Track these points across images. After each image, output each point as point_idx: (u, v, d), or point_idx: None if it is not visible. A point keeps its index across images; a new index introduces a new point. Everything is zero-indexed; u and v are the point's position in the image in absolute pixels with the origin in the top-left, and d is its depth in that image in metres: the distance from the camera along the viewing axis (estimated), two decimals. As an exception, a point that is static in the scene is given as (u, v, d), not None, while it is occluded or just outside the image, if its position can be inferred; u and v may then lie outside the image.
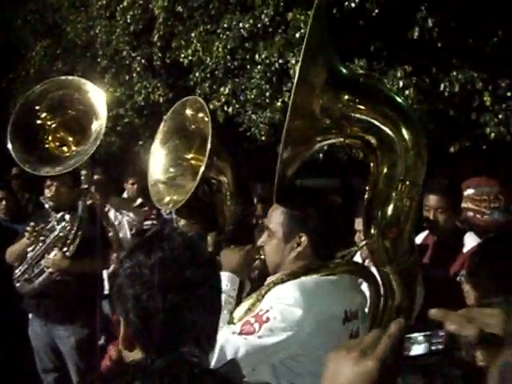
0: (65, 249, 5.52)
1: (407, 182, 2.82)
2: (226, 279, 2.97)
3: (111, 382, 1.17)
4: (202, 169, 4.26)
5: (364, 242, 3.06)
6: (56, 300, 5.67)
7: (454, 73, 8.15)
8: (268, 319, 2.67)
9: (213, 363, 2.29)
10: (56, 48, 13.74)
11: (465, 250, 4.59)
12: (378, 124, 2.78)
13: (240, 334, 2.66)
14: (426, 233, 4.98)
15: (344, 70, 2.89)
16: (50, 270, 5.52)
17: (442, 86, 8.17)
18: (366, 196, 2.98)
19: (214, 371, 1.25)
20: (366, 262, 4.14)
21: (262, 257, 3.07)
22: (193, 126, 4.69)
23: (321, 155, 8.87)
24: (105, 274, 6.78)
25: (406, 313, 3.06)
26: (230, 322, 2.82)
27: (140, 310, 1.87)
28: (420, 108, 8.10)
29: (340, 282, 2.92)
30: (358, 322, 2.94)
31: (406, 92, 8.00)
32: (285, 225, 2.94)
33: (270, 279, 2.98)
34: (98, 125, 5.39)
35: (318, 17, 2.68)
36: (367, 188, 2.96)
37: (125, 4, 11.02)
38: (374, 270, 3.12)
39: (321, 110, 2.70)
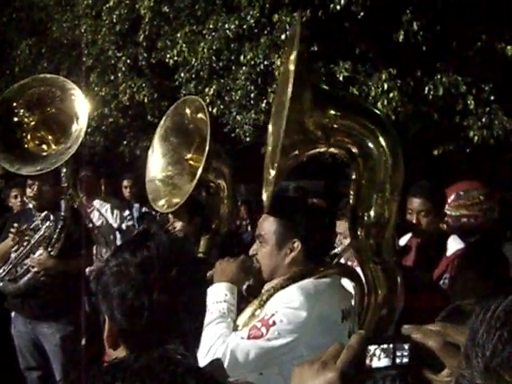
0: (49, 248, 5.50)
1: (387, 185, 3.04)
2: (225, 289, 3.03)
3: (92, 382, 1.16)
4: (200, 171, 4.25)
5: (349, 242, 3.20)
6: (40, 298, 5.65)
7: (438, 76, 8.21)
8: (274, 322, 2.78)
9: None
10: (41, 47, 13.67)
11: (448, 253, 4.60)
12: (358, 134, 3.02)
13: (248, 338, 2.76)
14: (409, 235, 4.98)
15: (327, 88, 3.22)
16: (35, 269, 5.50)
17: (426, 89, 8.23)
18: (350, 200, 3.19)
19: (199, 370, 1.24)
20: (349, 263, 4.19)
21: (257, 265, 3.14)
22: (192, 126, 4.68)
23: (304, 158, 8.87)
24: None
25: (387, 309, 3.25)
26: (235, 328, 2.90)
27: (125, 308, 1.87)
28: (404, 111, 8.14)
29: (333, 284, 3.06)
30: (352, 319, 3.08)
31: (391, 94, 8.05)
32: (277, 232, 3.04)
33: (268, 285, 3.07)
34: (79, 127, 5.35)
35: (302, 49, 2.86)
36: (351, 192, 3.16)
37: (111, 4, 10.99)
38: (358, 269, 3.28)
39: (311, 125, 2.90)
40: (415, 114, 8.42)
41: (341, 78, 8.25)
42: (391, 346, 1.42)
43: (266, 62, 8.82)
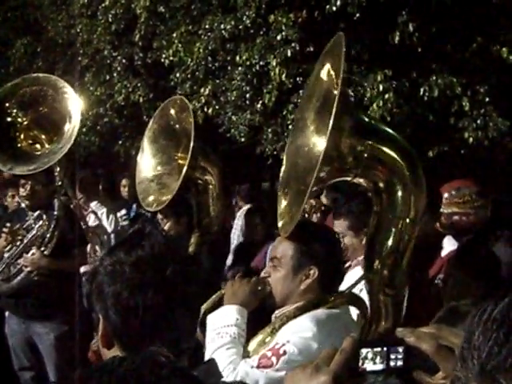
0: (43, 248, 5.50)
1: (407, 220, 3.00)
2: (236, 312, 2.96)
3: None
4: (185, 168, 4.26)
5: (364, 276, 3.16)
6: (34, 298, 5.64)
7: (434, 77, 8.21)
8: (285, 352, 2.72)
9: None
10: (36, 46, 13.67)
11: (443, 253, 4.63)
12: (387, 168, 2.99)
13: (258, 367, 2.72)
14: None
15: (365, 118, 3.19)
16: (28, 269, 5.50)
17: (422, 90, 8.23)
18: (368, 232, 3.20)
19: (185, 371, 1.24)
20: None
21: (268, 288, 3.07)
22: (178, 126, 4.69)
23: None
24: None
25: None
26: (245, 355, 2.85)
27: (120, 307, 1.87)
28: (399, 112, 8.15)
29: (344, 315, 3.03)
30: None
31: (386, 96, 8.05)
32: (295, 257, 2.98)
33: (279, 312, 3.02)
34: (72, 126, 5.34)
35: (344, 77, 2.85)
36: (370, 223, 3.13)
37: (106, 3, 10.99)
38: (365, 296, 3.20)
39: (347, 153, 2.87)
40: (410, 116, 8.42)
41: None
42: (385, 349, 1.42)
43: (261, 63, 8.81)
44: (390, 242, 3.01)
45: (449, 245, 4.64)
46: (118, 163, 12.84)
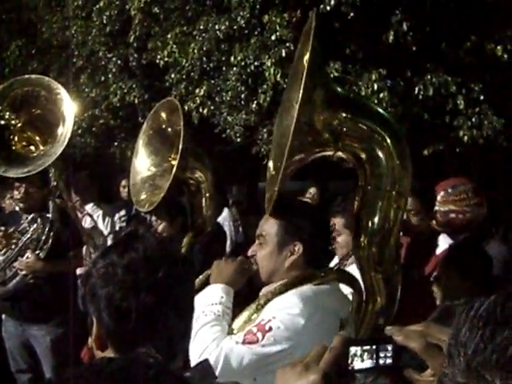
0: (37, 251, 5.49)
1: (393, 193, 2.96)
2: (221, 291, 2.95)
3: None
4: (175, 169, 4.28)
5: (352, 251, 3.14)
6: (30, 301, 5.64)
7: (428, 76, 8.23)
8: (271, 328, 2.71)
9: (217, 372, 2.34)
10: (31, 48, 13.63)
11: (438, 251, 4.65)
12: (367, 139, 2.94)
13: (243, 343, 2.69)
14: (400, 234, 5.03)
15: (339, 89, 3.12)
16: (23, 272, 5.49)
17: (416, 89, 8.25)
18: (355, 206, 3.11)
19: (172, 372, 1.25)
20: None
21: (254, 267, 3.07)
22: (170, 129, 4.72)
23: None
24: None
25: (384, 318, 3.15)
26: (230, 332, 2.83)
27: (113, 309, 1.87)
28: (394, 111, 8.15)
29: (333, 291, 3.00)
30: (349, 328, 3.00)
31: (381, 95, 8.06)
32: (279, 234, 2.97)
33: (265, 289, 3.01)
34: (65, 127, 5.32)
35: (314, 43, 2.82)
36: (356, 198, 3.09)
37: (101, 4, 10.97)
38: (358, 275, 3.18)
39: (321, 126, 2.84)
40: (405, 115, 8.43)
41: (331, 79, 8.27)
42: (374, 347, 1.43)
43: (256, 63, 8.82)
44: (376, 217, 2.98)
45: (444, 242, 4.67)
46: (114, 164, 12.83)
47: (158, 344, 1.86)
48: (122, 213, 8.45)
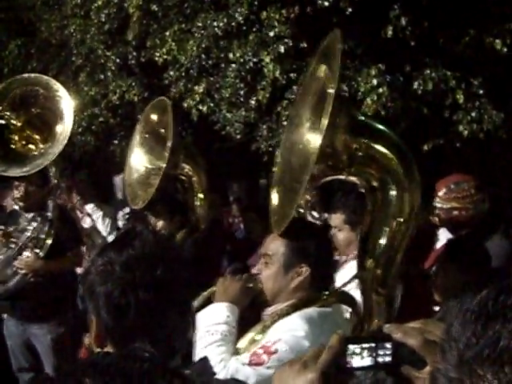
0: (37, 250, 5.49)
1: (401, 220, 2.99)
2: (227, 310, 2.95)
3: (62, 381, 1.17)
4: (164, 165, 4.30)
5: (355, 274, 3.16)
6: (31, 300, 5.65)
7: (427, 71, 8.21)
8: (276, 350, 2.72)
9: None
10: (30, 47, 13.61)
11: (438, 245, 4.65)
12: (381, 167, 2.98)
13: (249, 364, 2.70)
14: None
15: (360, 116, 3.23)
16: (23, 271, 5.49)
17: (416, 84, 8.23)
18: (361, 231, 3.20)
19: (166, 366, 1.25)
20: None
21: (259, 285, 3.07)
22: (163, 127, 4.74)
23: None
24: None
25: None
26: (235, 352, 2.84)
27: (111, 307, 1.88)
28: (393, 106, 8.14)
29: (336, 313, 3.03)
30: None
31: (380, 90, 8.05)
32: (286, 255, 2.98)
33: (271, 310, 3.02)
34: (65, 125, 5.33)
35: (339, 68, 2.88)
36: (364, 222, 3.15)
37: (99, 3, 10.94)
38: (358, 295, 3.18)
39: (341, 150, 2.85)
40: (405, 110, 8.41)
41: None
42: (373, 344, 1.43)
43: (255, 60, 8.79)
44: (382, 241, 2.99)
45: (444, 237, 4.66)
46: (114, 162, 12.82)
47: (157, 340, 1.86)
48: (127, 210, 8.45)
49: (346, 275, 3.44)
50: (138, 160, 4.86)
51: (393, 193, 2.96)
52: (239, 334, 2.96)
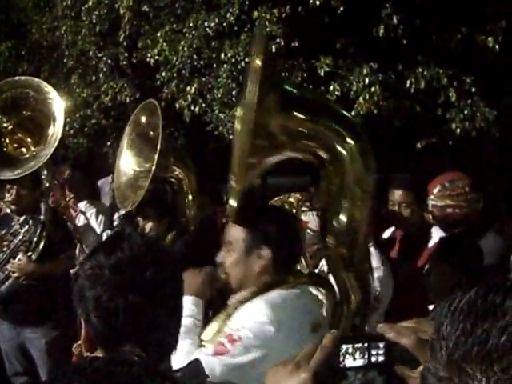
0: (29, 253, 5.46)
1: (357, 191, 2.91)
2: (191, 303, 2.91)
3: None
4: (153, 168, 4.30)
5: (321, 253, 3.10)
6: (24, 303, 5.62)
7: (420, 69, 8.23)
8: (240, 338, 2.67)
9: None
10: (21, 49, 13.58)
11: (431, 243, 4.66)
12: (326, 138, 2.88)
13: (214, 354, 2.65)
14: (393, 228, 5.06)
15: (294, 90, 3.07)
16: (15, 274, 5.47)
17: (408, 82, 8.24)
18: (320, 207, 3.14)
19: (155, 370, 1.23)
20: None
21: (223, 275, 3.03)
22: (152, 130, 4.75)
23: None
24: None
25: (360, 318, 3.11)
26: (200, 345, 2.80)
27: (101, 310, 1.87)
28: (386, 105, 8.15)
29: (303, 295, 2.95)
30: (323, 331, 2.90)
31: (372, 89, 8.06)
32: (246, 240, 2.93)
33: (234, 298, 2.98)
34: (55, 130, 5.32)
35: (265, 47, 2.79)
36: (320, 199, 3.10)
37: (90, 4, 10.92)
38: (330, 277, 3.15)
39: (276, 128, 2.76)
40: (397, 108, 8.43)
41: (322, 74, 8.26)
42: (366, 344, 1.42)
43: (246, 59, 8.77)
44: (342, 217, 2.92)
45: (436, 235, 4.67)
46: (107, 164, 12.80)
47: (148, 343, 1.85)
48: (122, 211, 8.41)
49: None
50: (127, 162, 4.85)
51: (345, 162, 2.88)
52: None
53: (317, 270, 4.07)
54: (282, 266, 2.95)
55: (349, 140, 2.87)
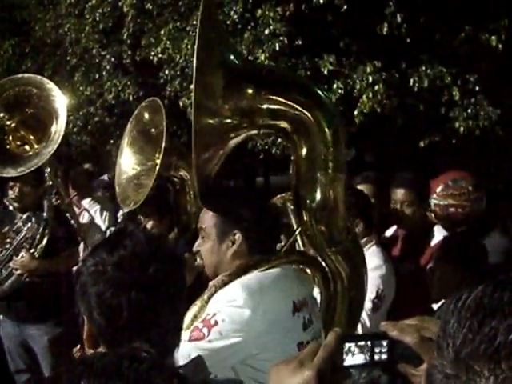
0: (32, 250, 5.48)
1: (329, 163, 2.85)
2: None
3: (59, 382, 1.15)
4: (158, 166, 4.31)
5: (298, 231, 3.04)
6: (27, 301, 5.64)
7: (423, 68, 8.21)
8: (216, 323, 2.62)
9: None
10: (24, 46, 13.61)
11: (433, 242, 4.66)
12: (288, 110, 2.80)
13: (190, 340, 2.59)
14: (395, 227, 5.06)
15: (242, 65, 2.93)
16: (18, 271, 5.48)
17: (412, 81, 8.22)
18: (291, 182, 3.01)
19: (163, 366, 1.24)
20: None
21: (200, 262, 3.02)
22: (154, 129, 4.75)
23: (278, 151, 8.91)
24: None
25: (356, 290, 3.11)
26: None
27: (103, 307, 1.87)
28: (389, 103, 8.14)
29: (283, 274, 2.89)
30: (309, 309, 2.91)
31: (376, 87, 8.04)
32: (217, 225, 2.90)
33: (211, 283, 2.94)
34: (58, 127, 5.33)
35: (207, 17, 2.71)
36: (291, 174, 2.98)
37: (94, 2, 10.94)
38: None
39: (227, 109, 2.70)
40: (401, 106, 8.41)
41: (325, 72, 8.25)
42: (369, 342, 1.42)
43: (250, 57, 8.78)
44: (316, 191, 2.87)
45: (439, 234, 4.67)
46: (110, 162, 12.81)
47: (151, 340, 1.85)
48: (126, 209, 8.42)
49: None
50: (128, 160, 4.85)
51: (312, 132, 2.81)
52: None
53: None
54: (258, 248, 2.91)
55: (315, 111, 2.81)
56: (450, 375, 0.99)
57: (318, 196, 2.88)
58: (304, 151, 2.85)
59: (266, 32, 8.48)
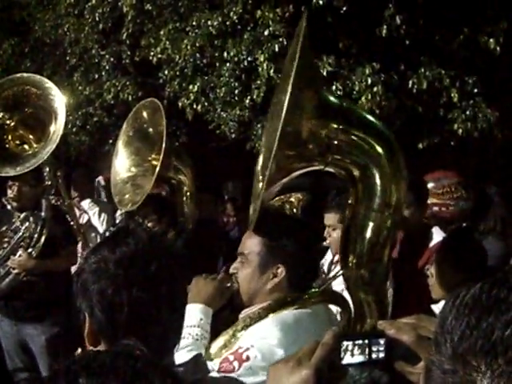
0: (30, 249, 5.48)
1: (386, 214, 2.80)
2: (200, 312, 2.81)
3: (55, 380, 1.15)
4: (158, 168, 4.31)
5: (340, 273, 2.96)
6: (24, 300, 5.64)
7: (422, 70, 8.23)
8: (248, 358, 2.56)
9: None
10: (24, 46, 13.58)
11: (431, 244, 4.66)
12: (361, 154, 2.74)
13: (219, 371, 2.53)
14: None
15: (332, 98, 2.84)
16: (16, 271, 5.48)
17: (410, 82, 8.24)
18: (343, 225, 2.96)
19: (159, 364, 1.24)
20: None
21: (235, 285, 2.90)
22: (151, 128, 4.75)
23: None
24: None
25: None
26: (207, 357, 2.66)
27: (105, 305, 1.87)
28: (388, 105, 8.15)
29: (316, 315, 2.82)
30: None
31: (375, 89, 8.05)
32: (262, 255, 2.81)
33: (245, 312, 2.86)
34: (57, 127, 5.34)
35: (306, 44, 2.61)
36: (346, 217, 2.93)
37: (93, 2, 10.92)
38: (347, 295, 3.02)
39: (308, 137, 2.62)
40: (399, 108, 8.43)
41: (324, 73, 8.26)
42: (366, 341, 1.43)
43: (249, 58, 8.80)
44: (366, 237, 2.80)
45: (437, 235, 4.67)
46: (109, 162, 12.79)
47: (151, 338, 1.86)
48: (124, 210, 8.42)
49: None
50: (124, 160, 4.85)
51: (376, 183, 2.74)
52: (214, 336, 2.81)
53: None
54: (297, 285, 2.84)
55: (382, 157, 2.74)
56: (448, 370, 1.00)
57: (366, 242, 2.81)
58: (364, 199, 2.79)
59: (266, 33, 8.50)
